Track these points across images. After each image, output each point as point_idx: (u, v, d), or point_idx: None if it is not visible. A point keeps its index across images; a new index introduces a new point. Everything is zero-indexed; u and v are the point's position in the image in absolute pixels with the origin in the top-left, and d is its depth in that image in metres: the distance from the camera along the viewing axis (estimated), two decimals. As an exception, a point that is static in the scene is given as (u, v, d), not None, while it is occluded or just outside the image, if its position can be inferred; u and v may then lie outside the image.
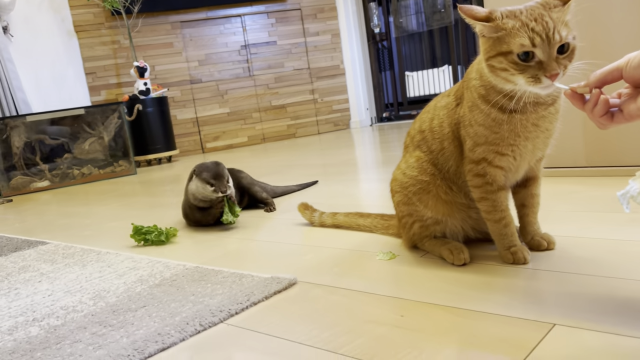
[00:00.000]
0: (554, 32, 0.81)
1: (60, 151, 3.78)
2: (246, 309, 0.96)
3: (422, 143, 1.11)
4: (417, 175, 1.09)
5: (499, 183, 1.01)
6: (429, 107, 1.14)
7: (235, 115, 5.03)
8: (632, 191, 0.66)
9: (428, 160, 1.09)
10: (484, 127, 0.96)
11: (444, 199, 1.08)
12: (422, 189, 1.08)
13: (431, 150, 1.09)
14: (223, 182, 1.59)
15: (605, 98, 0.74)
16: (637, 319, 0.74)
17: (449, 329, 0.79)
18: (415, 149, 1.13)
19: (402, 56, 5.82)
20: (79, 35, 4.56)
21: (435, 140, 1.08)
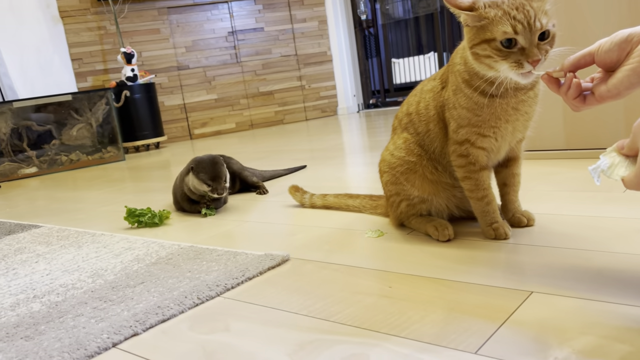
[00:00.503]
0: (534, 20, 0.86)
1: (47, 137, 3.77)
2: (241, 283, 1.01)
3: (409, 125, 1.16)
4: (404, 156, 1.14)
5: (482, 163, 1.06)
6: (416, 90, 1.19)
7: (222, 102, 5.04)
8: (603, 166, 0.71)
9: (415, 141, 1.14)
10: (467, 110, 1.01)
11: (430, 179, 1.13)
12: (409, 169, 1.13)
13: (418, 132, 1.14)
14: (221, 184, 1.60)
15: (577, 81, 0.79)
16: (609, 286, 0.80)
17: (434, 297, 0.84)
18: (403, 131, 1.17)
19: (388, 43, 5.85)
20: (65, 21, 4.52)
21: (422, 122, 1.13)
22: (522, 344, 0.67)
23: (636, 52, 0.71)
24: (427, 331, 0.73)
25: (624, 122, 1.65)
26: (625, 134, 1.66)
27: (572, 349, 0.64)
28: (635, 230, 1.01)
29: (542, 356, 0.63)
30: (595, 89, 0.76)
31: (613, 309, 0.72)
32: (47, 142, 3.76)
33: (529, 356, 0.64)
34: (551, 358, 0.63)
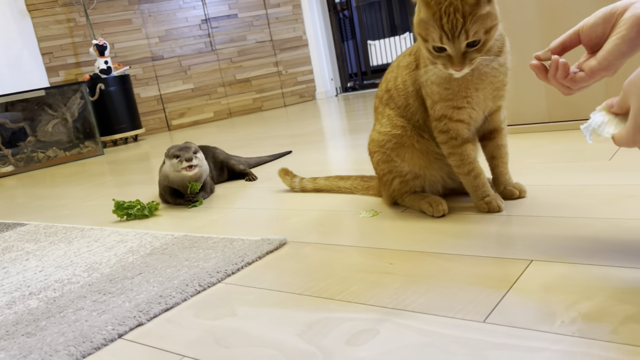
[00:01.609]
0: (460, 31, 0.88)
1: (22, 135, 3.68)
2: (241, 268, 1.00)
3: (390, 101, 1.17)
4: (390, 130, 1.15)
5: (463, 136, 1.08)
6: (392, 66, 1.20)
7: (199, 91, 4.98)
8: (594, 124, 0.72)
9: (397, 114, 1.15)
10: (436, 85, 1.04)
11: (419, 149, 1.13)
12: (398, 143, 1.14)
13: (398, 106, 1.15)
14: (189, 153, 1.59)
15: (564, 61, 0.79)
16: (606, 250, 0.82)
17: (436, 271, 0.85)
18: (385, 108, 1.18)
19: (363, 25, 5.83)
20: (32, 14, 4.40)
21: (401, 97, 1.14)
22: (528, 310, 0.68)
23: (621, 22, 0.72)
24: (433, 304, 0.74)
25: (604, 92, 1.68)
26: (605, 105, 1.69)
27: (578, 313, 0.66)
28: (625, 196, 1.04)
29: (549, 321, 0.65)
30: (584, 65, 0.77)
31: (613, 272, 0.74)
32: (22, 139, 3.68)
33: (536, 322, 0.65)
34: (558, 322, 0.64)
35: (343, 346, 0.67)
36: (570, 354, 0.57)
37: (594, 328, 0.62)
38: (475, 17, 0.88)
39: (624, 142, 0.67)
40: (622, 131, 0.67)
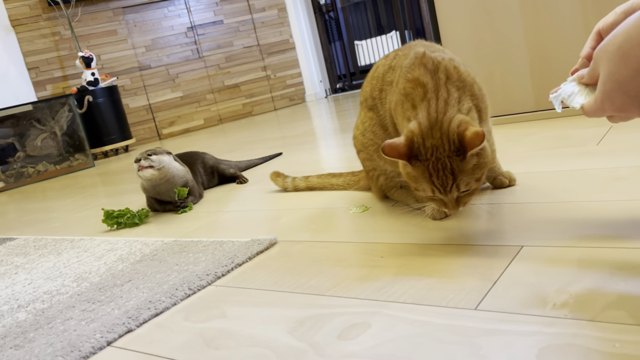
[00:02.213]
0: (451, 187, 0.86)
1: (11, 150, 3.66)
2: (232, 270, 0.99)
3: (373, 107, 1.17)
4: (372, 138, 1.16)
5: None
6: (377, 72, 1.16)
7: (188, 99, 4.96)
8: (564, 94, 0.71)
9: (379, 123, 1.15)
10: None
11: None
12: (379, 147, 1.14)
13: (379, 115, 1.14)
14: (143, 154, 1.55)
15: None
16: (596, 232, 0.81)
17: (426, 262, 0.84)
18: (369, 110, 1.18)
19: (349, 26, 5.84)
20: (17, 29, 4.37)
21: (383, 108, 1.13)
22: (519, 295, 0.67)
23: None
24: (424, 294, 0.73)
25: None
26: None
27: (569, 295, 0.65)
28: (613, 179, 1.03)
29: (541, 305, 0.64)
30: None
31: (603, 253, 0.74)
32: (11, 155, 3.65)
33: (527, 306, 0.64)
34: (550, 305, 0.63)
35: (335, 341, 0.66)
36: (562, 336, 0.57)
37: (586, 309, 0.61)
38: (464, 172, 0.85)
39: (593, 110, 0.66)
40: (591, 100, 0.66)
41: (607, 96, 0.62)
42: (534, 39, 1.73)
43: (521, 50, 1.76)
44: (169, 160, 1.60)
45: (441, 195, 0.88)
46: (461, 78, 0.94)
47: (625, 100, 0.60)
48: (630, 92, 0.59)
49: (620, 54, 0.59)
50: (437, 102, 0.90)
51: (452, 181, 0.86)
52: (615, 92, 0.61)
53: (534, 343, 0.56)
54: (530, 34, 1.73)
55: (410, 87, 0.95)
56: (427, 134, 0.87)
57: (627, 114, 0.63)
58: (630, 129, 1.39)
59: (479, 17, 1.81)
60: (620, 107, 0.61)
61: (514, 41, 1.77)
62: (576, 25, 1.64)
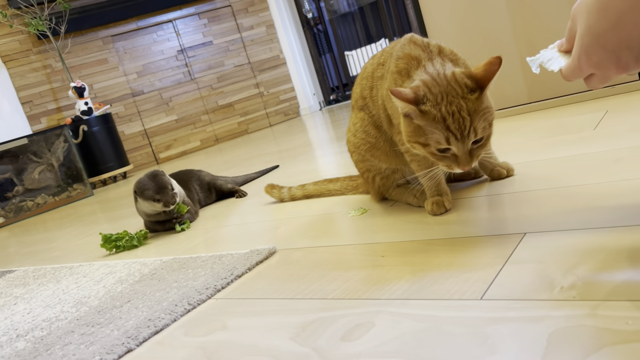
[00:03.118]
0: (469, 130, 0.84)
1: (9, 185, 3.65)
2: (231, 282, 0.97)
3: (364, 107, 1.15)
4: (364, 137, 1.15)
5: None
6: (367, 72, 1.15)
7: (183, 121, 4.96)
8: (543, 58, 0.70)
9: (370, 122, 1.14)
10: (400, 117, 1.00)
11: (393, 153, 1.12)
12: (372, 146, 1.14)
13: (372, 115, 1.13)
14: (168, 193, 1.53)
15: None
16: (598, 213, 0.79)
17: (429, 258, 0.82)
18: (360, 111, 1.17)
19: (338, 37, 5.86)
20: (8, 65, 4.39)
21: (372, 105, 1.12)
22: (525, 281, 0.65)
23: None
24: (428, 289, 0.71)
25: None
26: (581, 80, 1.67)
27: (577, 276, 0.63)
28: (612, 161, 1.01)
29: (548, 289, 0.62)
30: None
31: (607, 234, 0.72)
32: (9, 190, 3.64)
33: (534, 292, 0.62)
34: (557, 288, 0.61)
35: (338, 343, 0.64)
36: (572, 318, 0.54)
37: (595, 290, 0.59)
38: (480, 113, 0.84)
39: (571, 70, 0.64)
40: (569, 61, 0.64)
41: (584, 51, 0.60)
42: (522, 33, 1.72)
43: (510, 46, 1.75)
44: (177, 186, 1.61)
45: (456, 143, 0.84)
46: (453, 52, 0.94)
47: (602, 55, 0.58)
48: (608, 46, 0.57)
49: (599, 5, 0.57)
50: (434, 66, 0.89)
51: (469, 123, 0.83)
52: (593, 46, 0.58)
53: (544, 328, 0.54)
54: (518, 29, 1.73)
55: (404, 62, 0.94)
56: (433, 84, 0.85)
57: (605, 72, 0.60)
58: (627, 112, 1.37)
59: (466, 16, 1.80)
60: (597, 63, 0.59)
61: (503, 37, 1.76)
62: (563, 16, 1.64)
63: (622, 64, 0.57)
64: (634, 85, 1.59)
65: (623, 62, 0.57)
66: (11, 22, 4.29)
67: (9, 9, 4.30)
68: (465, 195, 1.09)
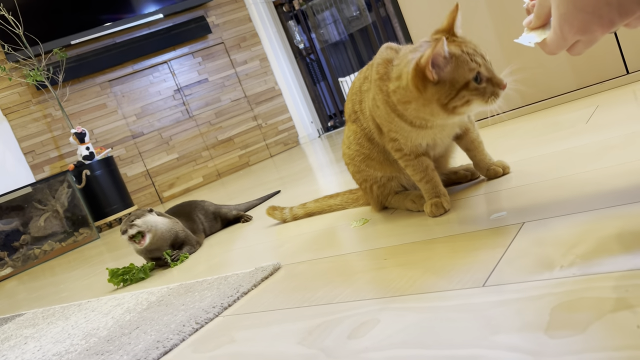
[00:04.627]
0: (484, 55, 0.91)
1: (16, 235, 3.66)
2: (238, 299, 0.97)
3: (356, 120, 1.18)
4: (358, 149, 1.18)
5: (417, 153, 1.06)
6: (355, 87, 1.18)
7: (185, 159, 5.00)
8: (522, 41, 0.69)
9: (364, 135, 1.16)
10: (394, 132, 1.04)
11: (388, 162, 1.14)
12: (366, 157, 1.17)
13: (363, 128, 1.15)
14: (127, 222, 1.54)
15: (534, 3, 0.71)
16: (594, 197, 0.80)
17: (430, 255, 0.82)
18: (353, 124, 1.19)
19: (331, 65, 5.95)
20: (9, 117, 4.46)
21: (362, 118, 1.15)
22: (526, 265, 0.66)
23: None
24: (430, 283, 0.71)
25: (569, 68, 1.69)
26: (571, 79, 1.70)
27: (576, 255, 0.63)
28: (604, 148, 1.02)
29: (548, 269, 0.62)
30: None
31: (604, 214, 0.72)
32: (16, 239, 3.66)
33: (534, 274, 0.62)
34: (557, 268, 0.62)
35: (345, 341, 0.64)
36: (573, 292, 0.55)
37: (594, 265, 0.59)
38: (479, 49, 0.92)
39: (554, 42, 0.62)
40: (551, 34, 0.63)
41: (564, 20, 0.58)
42: (509, 49, 1.75)
43: (497, 51, 1.78)
44: (153, 220, 1.58)
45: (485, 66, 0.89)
46: None
47: (583, 18, 0.57)
48: (587, 8, 0.56)
49: None
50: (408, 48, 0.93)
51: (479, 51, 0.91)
52: (572, 12, 0.57)
53: (545, 304, 0.55)
54: (505, 44, 1.76)
55: (383, 67, 0.98)
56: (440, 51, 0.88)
57: (590, 35, 0.59)
58: (617, 105, 1.39)
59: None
60: (580, 28, 0.58)
61: (491, 51, 1.79)
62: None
63: (605, 22, 0.56)
64: (623, 79, 1.61)
65: (606, 20, 0.56)
66: (10, 75, 4.38)
67: (7, 62, 4.39)
68: (464, 195, 1.09)
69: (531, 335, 0.50)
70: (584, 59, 1.66)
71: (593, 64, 1.65)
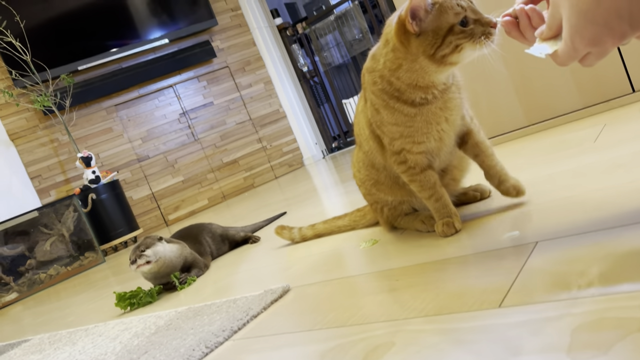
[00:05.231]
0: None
1: (21, 259, 3.66)
2: (247, 323, 0.96)
3: (360, 145, 1.19)
4: (368, 173, 1.17)
5: (422, 165, 1.03)
6: (359, 108, 1.18)
7: (190, 182, 5.01)
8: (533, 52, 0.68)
9: (369, 162, 1.15)
10: (396, 125, 1.01)
11: (397, 187, 1.13)
12: (377, 182, 1.16)
13: (365, 151, 1.15)
14: (136, 252, 1.53)
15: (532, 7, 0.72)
16: (609, 216, 0.79)
17: (443, 276, 0.81)
18: (359, 150, 1.20)
19: (335, 87, 5.99)
20: (16, 142, 4.50)
21: (364, 141, 1.14)
22: (542, 285, 0.65)
23: None
24: (445, 304, 0.70)
25: (574, 87, 1.70)
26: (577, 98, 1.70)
27: (593, 275, 0.62)
28: (614, 166, 1.02)
29: (565, 289, 0.61)
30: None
31: (617, 233, 0.71)
32: (22, 264, 3.65)
33: (552, 294, 0.61)
34: (574, 288, 0.61)
35: (359, 365, 0.63)
36: (592, 313, 0.54)
37: (612, 284, 0.58)
38: None
39: (566, 53, 0.62)
40: (562, 46, 0.62)
41: (575, 31, 0.58)
42: (513, 61, 1.76)
43: (502, 72, 1.79)
44: (162, 249, 1.57)
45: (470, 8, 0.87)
46: None
47: (595, 30, 0.56)
48: (598, 20, 0.56)
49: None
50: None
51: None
52: (582, 24, 0.57)
53: (565, 325, 0.53)
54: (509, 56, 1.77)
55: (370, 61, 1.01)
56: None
57: (601, 47, 0.58)
58: (625, 123, 1.38)
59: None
60: (591, 40, 0.58)
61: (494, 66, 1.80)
62: (549, 37, 1.68)
63: (617, 34, 0.56)
64: (629, 98, 1.61)
65: (618, 32, 0.56)
66: (17, 101, 4.42)
67: (15, 88, 4.44)
68: (474, 214, 1.09)
69: (553, 356, 0.49)
70: (589, 78, 1.67)
71: (598, 83, 1.66)
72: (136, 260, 1.52)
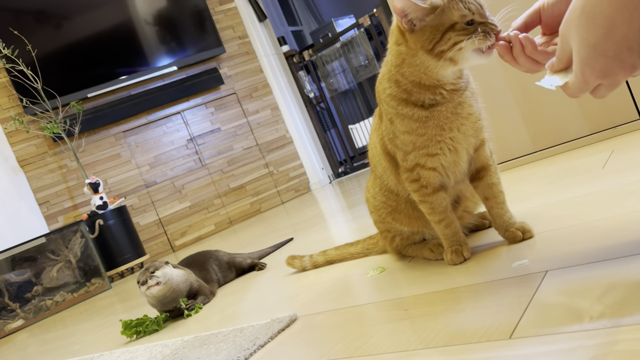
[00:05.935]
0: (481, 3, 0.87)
1: (28, 286, 3.66)
2: (254, 352, 0.95)
3: (373, 169, 1.18)
4: (385, 200, 1.15)
5: (434, 185, 1.02)
6: (371, 129, 1.19)
7: (197, 207, 5.02)
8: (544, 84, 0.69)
9: (385, 187, 1.14)
10: (408, 134, 0.99)
11: (415, 216, 1.12)
12: (393, 210, 1.14)
13: (379, 175, 1.15)
14: (146, 274, 1.54)
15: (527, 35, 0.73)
16: (618, 245, 0.78)
17: (453, 305, 0.80)
18: (373, 173, 1.20)
19: (341, 113, 6.03)
20: (25, 169, 4.54)
21: (377, 163, 1.14)
22: (552, 317, 0.64)
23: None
24: (455, 335, 0.69)
25: (580, 113, 1.70)
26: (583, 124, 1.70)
27: (605, 305, 0.61)
28: (626, 193, 1.01)
29: (577, 320, 0.60)
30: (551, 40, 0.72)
31: (629, 262, 0.70)
32: (28, 290, 3.64)
33: (563, 324, 0.61)
34: (587, 317, 0.60)
35: (368, 398, 0.62)
36: (605, 345, 0.53)
37: (625, 315, 0.57)
38: None
39: (577, 85, 0.62)
40: (572, 78, 0.62)
41: (585, 64, 0.58)
42: (517, 86, 1.77)
43: (508, 97, 1.79)
44: (170, 271, 1.57)
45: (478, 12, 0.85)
46: None
47: (605, 62, 0.57)
48: (608, 53, 0.56)
49: (586, 15, 0.56)
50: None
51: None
52: (592, 57, 0.57)
53: (578, 357, 0.53)
54: (514, 81, 1.78)
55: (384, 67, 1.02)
56: None
57: (612, 79, 0.59)
58: (633, 150, 1.38)
59: (460, 73, 1.86)
60: (602, 72, 0.58)
61: (499, 90, 1.81)
62: (554, 64, 1.69)
63: (627, 66, 0.56)
64: (636, 124, 1.61)
65: (628, 64, 0.56)
66: (28, 128, 4.48)
67: (25, 116, 4.50)
68: (482, 242, 1.08)
69: (566, 391, 0.48)
70: (595, 104, 1.67)
71: (605, 109, 1.66)
72: (147, 281, 1.52)
